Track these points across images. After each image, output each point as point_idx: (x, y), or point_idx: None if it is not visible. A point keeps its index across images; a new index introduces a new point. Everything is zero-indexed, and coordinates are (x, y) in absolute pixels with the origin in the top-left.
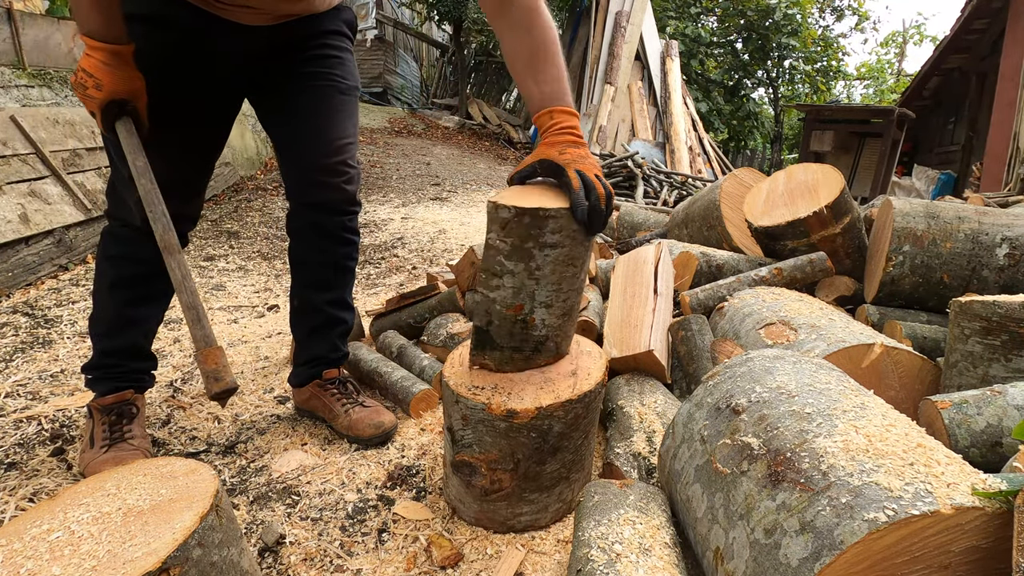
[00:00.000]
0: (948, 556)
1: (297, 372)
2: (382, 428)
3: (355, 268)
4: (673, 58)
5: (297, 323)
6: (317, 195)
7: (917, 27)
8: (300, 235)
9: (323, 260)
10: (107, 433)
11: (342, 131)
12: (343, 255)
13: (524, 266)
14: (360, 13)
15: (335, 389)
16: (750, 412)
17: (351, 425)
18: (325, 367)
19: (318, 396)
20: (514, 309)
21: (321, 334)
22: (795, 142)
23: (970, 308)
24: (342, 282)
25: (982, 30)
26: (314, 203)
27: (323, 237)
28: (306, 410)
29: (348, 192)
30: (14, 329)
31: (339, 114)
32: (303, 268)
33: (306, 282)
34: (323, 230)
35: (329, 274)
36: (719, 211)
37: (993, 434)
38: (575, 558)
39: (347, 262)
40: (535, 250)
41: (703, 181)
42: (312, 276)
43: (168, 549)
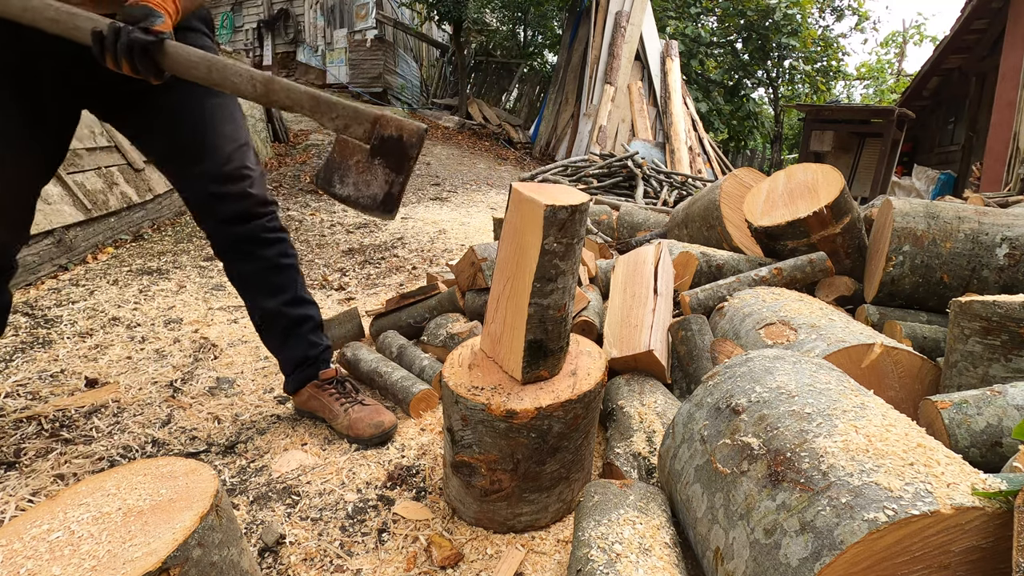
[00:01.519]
0: (948, 556)
1: (290, 381)
2: (382, 428)
3: (296, 263)
4: (673, 58)
5: (267, 338)
6: (224, 209)
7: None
8: (228, 252)
9: (260, 267)
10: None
11: (227, 136)
12: (277, 254)
13: (570, 264)
14: (360, 13)
15: (333, 389)
16: (750, 412)
17: (351, 425)
18: (317, 367)
19: (316, 396)
20: (561, 309)
21: (293, 337)
22: (795, 142)
23: (970, 308)
24: (289, 282)
25: (982, 30)
26: (225, 218)
27: (250, 246)
28: (306, 411)
29: (255, 196)
30: (14, 329)
31: (217, 120)
32: (246, 283)
33: (255, 295)
34: (246, 239)
35: (273, 278)
36: (719, 211)
37: (993, 434)
38: (575, 558)
39: (283, 260)
40: (576, 244)
41: (703, 181)
42: (258, 288)
43: (168, 549)
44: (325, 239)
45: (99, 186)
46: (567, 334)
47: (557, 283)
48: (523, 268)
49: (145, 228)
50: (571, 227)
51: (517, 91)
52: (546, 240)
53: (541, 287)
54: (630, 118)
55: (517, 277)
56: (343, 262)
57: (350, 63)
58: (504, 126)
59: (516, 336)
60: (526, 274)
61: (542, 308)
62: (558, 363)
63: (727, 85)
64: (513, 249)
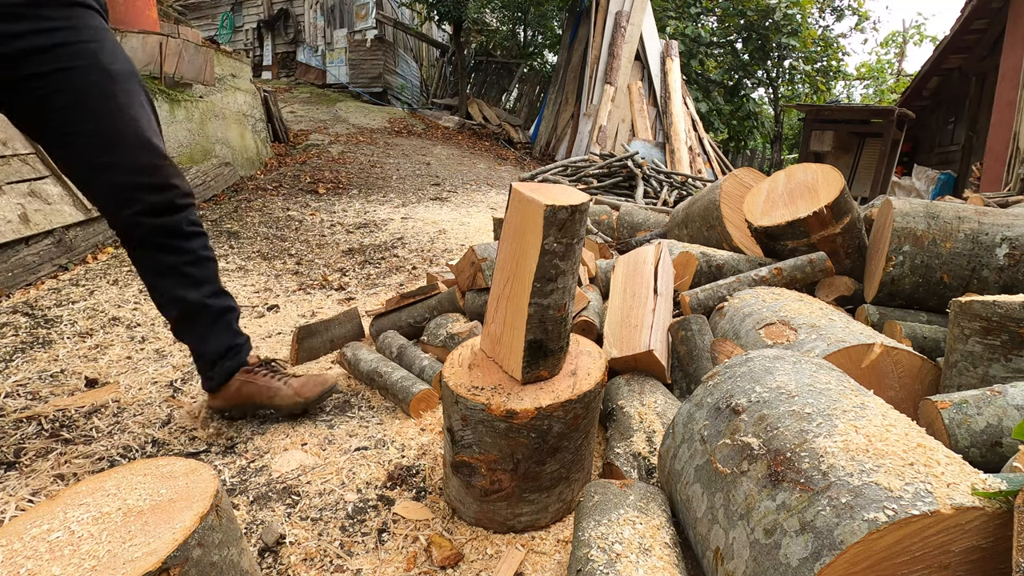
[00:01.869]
0: (948, 556)
1: (215, 373)
2: (327, 384)
3: (214, 257)
4: (673, 58)
5: (188, 330)
6: (146, 200)
7: (917, 27)
8: (148, 244)
9: (184, 260)
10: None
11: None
12: (200, 247)
13: (570, 264)
14: (360, 13)
15: (264, 370)
16: (750, 412)
17: (297, 391)
18: (243, 354)
19: (251, 381)
20: (561, 309)
21: (219, 327)
22: (795, 142)
23: (970, 308)
24: (211, 274)
25: (982, 30)
26: (146, 210)
27: (173, 238)
28: (232, 406)
29: (179, 187)
30: (14, 329)
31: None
32: (168, 275)
33: (177, 287)
34: (169, 232)
35: (196, 271)
36: (719, 211)
37: (993, 434)
38: (575, 558)
39: (205, 252)
40: (576, 244)
41: (703, 181)
42: (181, 279)
43: (168, 549)
44: (325, 239)
45: None
46: (567, 334)
47: (557, 283)
48: (523, 268)
49: None
50: (571, 227)
51: (517, 91)
52: (546, 240)
53: (541, 287)
54: (630, 118)
55: (517, 277)
56: (343, 262)
57: (350, 63)
58: (504, 126)
59: (516, 336)
60: (526, 274)
61: (542, 308)
62: (558, 363)
63: (727, 85)
64: (513, 249)
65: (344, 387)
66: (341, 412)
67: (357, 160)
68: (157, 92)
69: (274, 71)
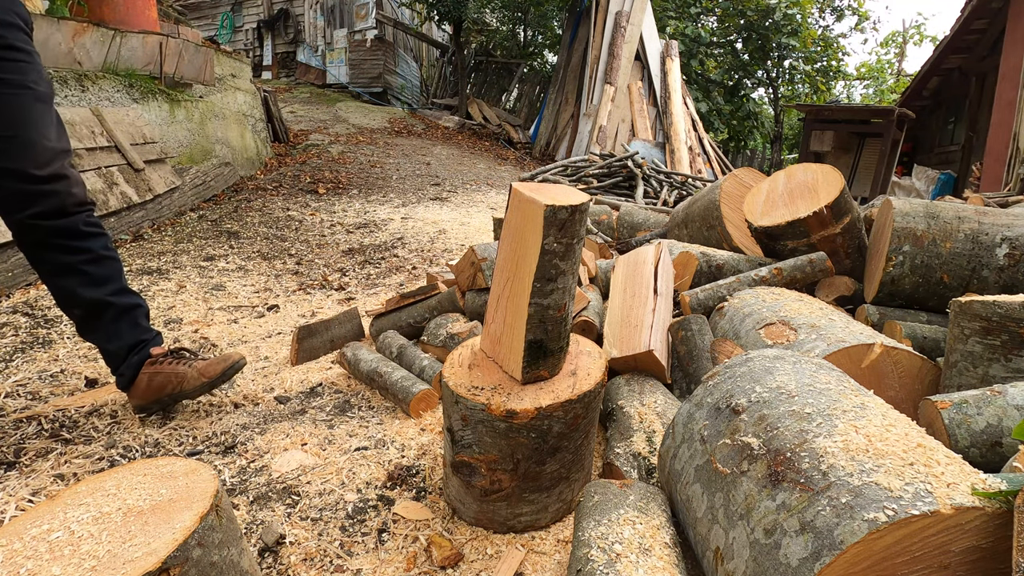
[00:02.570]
0: (948, 556)
1: (124, 369)
2: (230, 360)
3: (117, 256)
4: (673, 58)
5: (93, 328)
6: (43, 203)
7: (917, 27)
8: (43, 245)
9: (82, 259)
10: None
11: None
12: (99, 247)
13: (570, 263)
14: (360, 13)
15: (170, 358)
16: (750, 412)
17: (202, 372)
18: (148, 347)
19: (159, 371)
20: (561, 310)
21: (124, 324)
22: (795, 142)
23: (970, 308)
24: (114, 272)
25: (982, 30)
26: (42, 212)
27: (69, 238)
28: (151, 401)
29: (76, 195)
30: (14, 329)
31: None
32: (68, 274)
33: (78, 285)
34: (64, 232)
35: (97, 269)
36: (719, 211)
37: (993, 434)
38: (575, 558)
39: (106, 252)
40: (576, 244)
41: (703, 181)
42: (82, 277)
43: (168, 549)
44: (325, 239)
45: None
46: (567, 334)
47: (557, 283)
48: (523, 268)
49: (145, 228)
50: (571, 227)
51: (517, 91)
52: (546, 240)
53: (541, 287)
54: (630, 118)
55: (517, 277)
56: (343, 262)
57: (350, 63)
58: (504, 126)
59: (516, 336)
60: (526, 274)
61: (542, 308)
62: (558, 363)
63: (727, 85)
64: (513, 249)
65: (344, 387)
66: (341, 412)
67: (357, 160)
68: (157, 92)
69: (274, 71)
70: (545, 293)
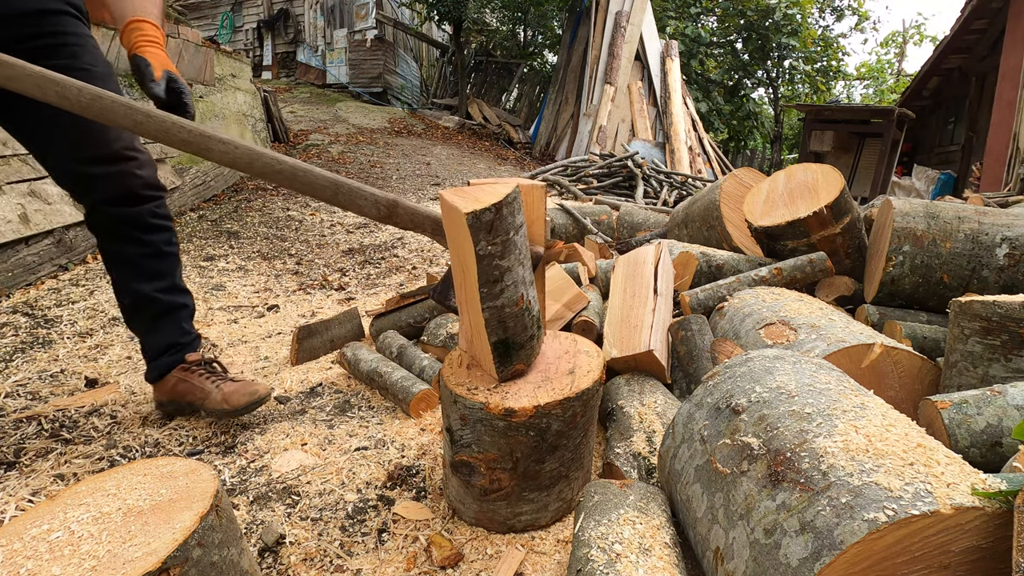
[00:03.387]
0: (948, 556)
1: (155, 366)
2: (256, 395)
3: (178, 252)
4: (673, 58)
5: (136, 320)
6: (108, 188)
7: (917, 27)
8: (109, 232)
9: (143, 252)
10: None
11: None
12: (162, 242)
13: (514, 257)
14: (360, 13)
15: (201, 369)
16: (750, 412)
17: (225, 398)
18: (183, 352)
19: (185, 380)
20: (518, 303)
21: (166, 322)
22: (795, 142)
23: (970, 308)
24: (169, 268)
25: (982, 30)
26: (108, 197)
27: (134, 229)
28: (169, 401)
29: (142, 176)
30: (14, 329)
31: None
32: (124, 265)
33: (131, 277)
34: (130, 222)
35: (153, 264)
36: (719, 211)
37: (993, 434)
38: (575, 558)
39: (167, 247)
40: (515, 236)
41: (703, 181)
42: (136, 271)
43: (168, 549)
44: (325, 239)
45: None
46: (535, 321)
47: (504, 281)
48: (468, 275)
49: None
50: (500, 225)
51: (517, 91)
52: (478, 246)
53: (488, 291)
54: (630, 118)
55: (467, 284)
56: (343, 262)
57: (350, 63)
58: (504, 126)
59: (482, 339)
60: (472, 281)
61: (496, 309)
62: (533, 351)
63: (727, 85)
64: (457, 257)
65: (344, 387)
66: (341, 412)
67: (357, 160)
68: None
69: (274, 71)
70: (494, 295)
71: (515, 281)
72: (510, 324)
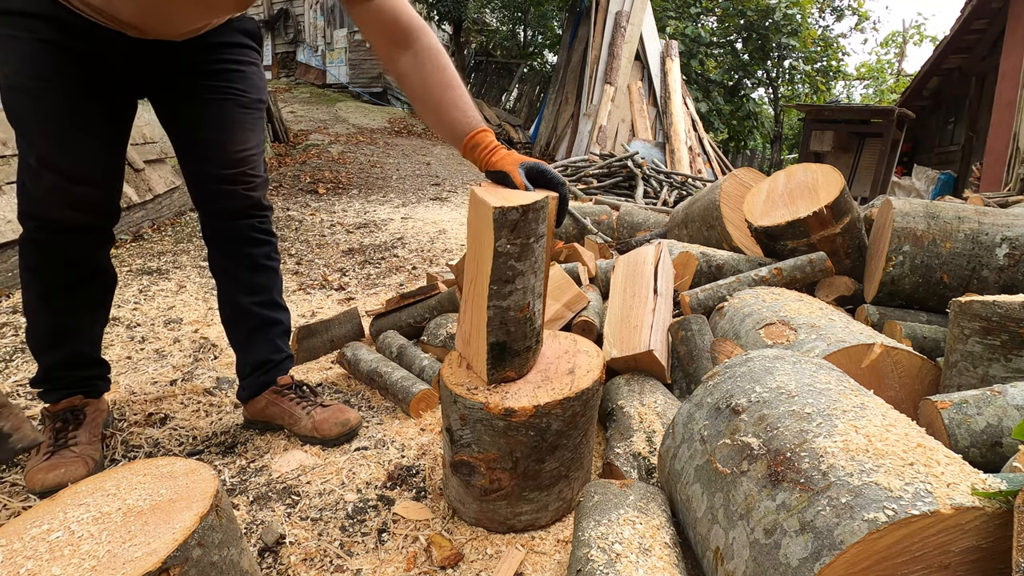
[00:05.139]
0: (948, 556)
1: (246, 384)
2: (348, 426)
3: (278, 268)
4: (673, 58)
5: (232, 332)
6: (219, 203)
7: (917, 27)
8: (214, 243)
9: (241, 264)
10: (52, 440)
11: (242, 143)
12: (261, 255)
13: (529, 263)
14: None
15: (292, 394)
16: (750, 412)
17: (316, 427)
18: (276, 373)
19: (276, 403)
20: (523, 310)
21: (260, 337)
22: (795, 142)
23: (970, 308)
24: (266, 283)
25: (982, 30)
26: (217, 210)
27: (235, 242)
28: (259, 420)
29: (252, 197)
30: (14, 329)
31: (238, 127)
32: (225, 276)
33: (231, 289)
34: (233, 235)
35: (251, 277)
36: (719, 211)
37: (993, 434)
38: (575, 558)
39: (266, 261)
40: (534, 244)
41: (703, 181)
42: (235, 282)
43: (168, 549)
44: (325, 239)
45: None
46: (535, 333)
47: (515, 284)
48: (482, 271)
49: (145, 228)
50: (524, 227)
51: (517, 91)
52: (498, 242)
53: (498, 289)
54: (630, 118)
55: (478, 280)
56: (343, 262)
57: (350, 63)
58: (504, 126)
59: (481, 338)
60: (484, 277)
61: (502, 310)
62: (526, 363)
63: (727, 85)
64: (474, 252)
65: (344, 387)
66: None
67: (357, 160)
68: None
69: (274, 71)
70: (503, 295)
71: (525, 287)
72: (511, 328)
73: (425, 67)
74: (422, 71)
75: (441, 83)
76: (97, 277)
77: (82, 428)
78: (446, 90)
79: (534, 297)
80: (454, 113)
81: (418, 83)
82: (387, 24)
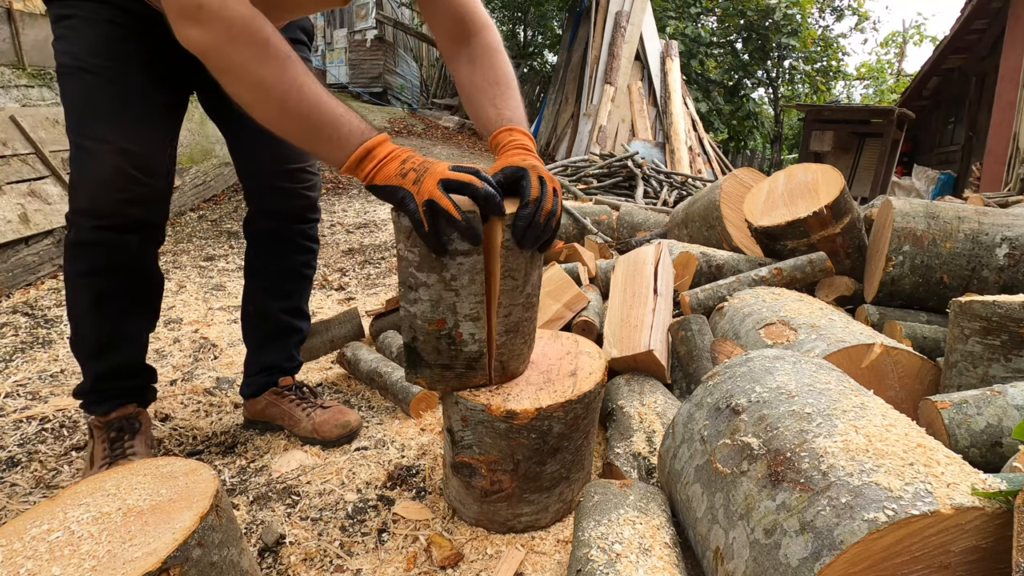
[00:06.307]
0: (948, 556)
1: (250, 382)
2: (348, 427)
3: (312, 276)
4: (673, 58)
5: (250, 330)
6: (276, 202)
7: (917, 27)
8: (257, 241)
9: (280, 268)
10: (107, 450)
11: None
12: (301, 263)
13: (438, 277)
14: (360, 13)
15: (293, 395)
16: (750, 412)
17: (315, 428)
18: (280, 375)
19: (276, 404)
20: (436, 324)
21: (276, 343)
22: (795, 142)
23: (970, 308)
24: (299, 290)
25: (982, 30)
26: (272, 210)
27: (281, 244)
28: (259, 420)
29: (310, 199)
30: (14, 329)
31: None
32: (260, 275)
33: (262, 289)
34: (281, 237)
35: (286, 282)
36: (719, 211)
37: (993, 434)
38: (575, 558)
39: (304, 270)
40: (447, 259)
41: (703, 181)
42: (268, 284)
43: (168, 549)
44: (325, 239)
45: None
46: (463, 358)
47: (419, 293)
48: None
49: None
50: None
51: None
52: (397, 246)
53: (404, 292)
54: (630, 118)
55: None
56: (343, 262)
57: (350, 63)
58: None
59: None
60: None
61: (410, 315)
62: (445, 382)
63: (727, 85)
64: None
65: (344, 387)
66: None
67: None
68: None
69: None
70: (409, 300)
71: (432, 300)
72: (420, 337)
73: (476, 63)
74: (472, 66)
75: (487, 79)
76: (151, 279)
77: (138, 437)
78: (489, 87)
79: (457, 318)
80: (489, 110)
81: (466, 77)
82: (453, 18)
